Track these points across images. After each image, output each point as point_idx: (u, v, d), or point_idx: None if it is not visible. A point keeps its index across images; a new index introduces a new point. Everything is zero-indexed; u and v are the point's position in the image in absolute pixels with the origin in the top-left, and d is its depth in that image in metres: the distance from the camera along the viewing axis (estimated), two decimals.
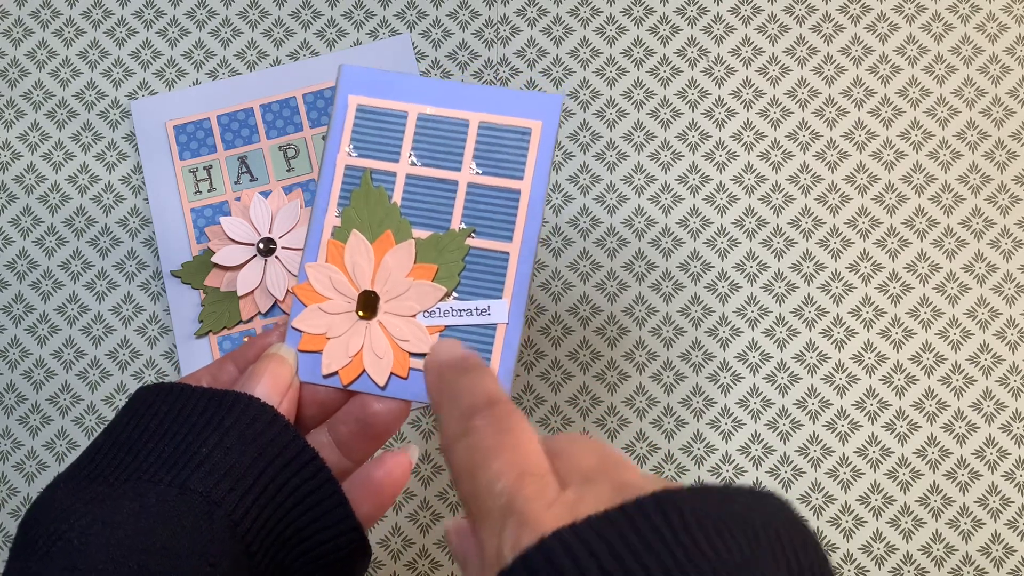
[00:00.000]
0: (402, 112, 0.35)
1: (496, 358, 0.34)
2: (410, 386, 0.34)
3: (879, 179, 0.53)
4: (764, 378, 0.51)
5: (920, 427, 0.51)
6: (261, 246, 0.52)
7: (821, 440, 0.51)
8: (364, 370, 0.34)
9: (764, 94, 0.54)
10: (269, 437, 0.30)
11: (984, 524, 0.50)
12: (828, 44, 0.54)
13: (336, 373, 0.34)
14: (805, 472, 0.51)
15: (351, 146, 0.35)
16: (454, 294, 0.34)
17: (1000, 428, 0.51)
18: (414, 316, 0.34)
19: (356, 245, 0.35)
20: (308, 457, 0.31)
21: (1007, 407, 0.51)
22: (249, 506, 0.29)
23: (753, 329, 0.52)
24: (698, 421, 0.51)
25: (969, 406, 0.51)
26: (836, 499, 0.50)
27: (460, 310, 0.34)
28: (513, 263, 0.34)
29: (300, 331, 0.34)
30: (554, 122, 0.35)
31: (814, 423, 0.51)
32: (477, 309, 0.34)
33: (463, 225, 0.35)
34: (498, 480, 0.22)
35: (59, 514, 0.28)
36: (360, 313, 0.34)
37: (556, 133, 0.35)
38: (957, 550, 0.50)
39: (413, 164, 0.35)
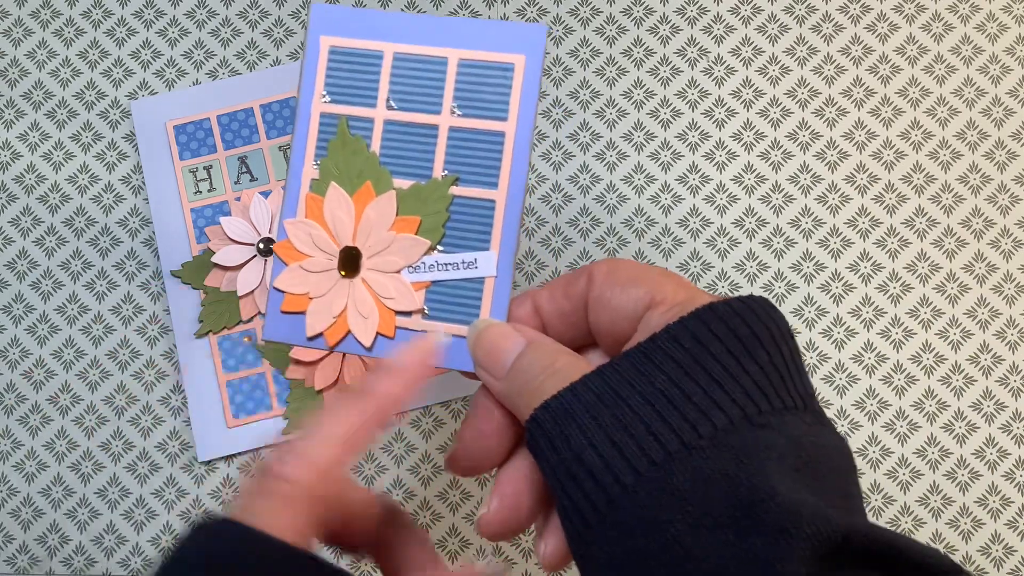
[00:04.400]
0: (377, 52, 0.33)
1: (485, 313, 0.32)
2: (397, 346, 0.32)
3: (879, 179, 0.53)
4: None
5: (920, 427, 0.51)
6: (261, 246, 0.52)
7: None
8: (349, 331, 0.32)
9: (764, 94, 0.54)
10: None
11: (984, 524, 0.50)
12: (828, 44, 0.54)
13: (321, 334, 0.32)
14: None
15: (325, 92, 0.33)
16: (439, 247, 0.32)
17: (1000, 428, 0.51)
18: (398, 272, 0.32)
19: (335, 198, 0.33)
20: None
21: (1007, 407, 0.51)
22: None
23: None
24: None
25: (969, 406, 0.51)
26: None
27: (446, 264, 0.32)
28: (500, 212, 0.32)
29: (282, 291, 0.33)
30: (539, 55, 0.32)
31: None
32: (464, 262, 0.32)
33: (446, 173, 0.32)
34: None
35: None
36: (342, 272, 0.32)
37: (541, 68, 0.32)
38: (957, 550, 0.50)
39: (391, 108, 0.33)
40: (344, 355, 0.50)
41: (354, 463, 0.31)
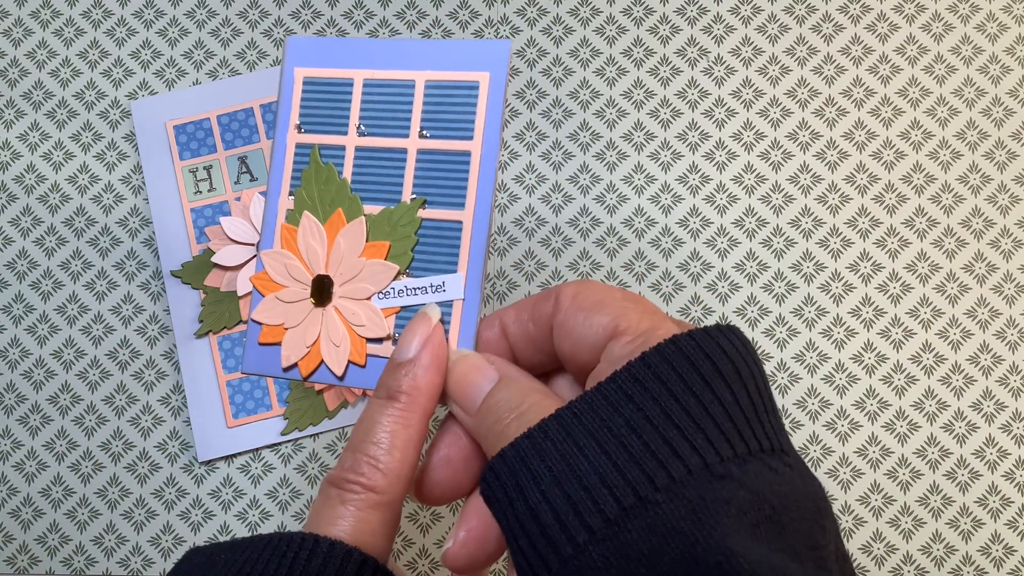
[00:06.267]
0: (348, 80, 0.33)
1: (454, 336, 0.32)
2: (368, 375, 0.32)
3: (879, 179, 0.53)
4: None
5: (920, 427, 0.51)
6: None
7: (821, 440, 0.51)
8: (323, 360, 0.32)
9: (764, 94, 0.54)
10: None
11: (984, 524, 0.50)
12: (828, 44, 0.54)
13: (296, 365, 0.33)
14: None
15: (300, 122, 0.34)
16: (408, 272, 0.32)
17: (1000, 428, 0.51)
18: (369, 299, 0.32)
19: (308, 227, 0.33)
20: None
21: (1007, 407, 0.51)
22: None
23: (753, 329, 0.52)
24: None
25: (969, 406, 0.51)
26: (836, 499, 0.51)
27: (415, 289, 0.32)
28: (467, 232, 0.32)
29: (260, 323, 0.33)
30: (502, 72, 0.32)
31: (814, 423, 0.51)
32: (432, 286, 0.32)
33: (414, 196, 0.33)
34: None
35: None
36: (313, 300, 0.33)
37: (505, 84, 0.32)
38: (957, 550, 0.50)
39: (362, 135, 0.33)
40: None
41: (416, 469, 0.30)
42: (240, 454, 0.51)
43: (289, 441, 0.52)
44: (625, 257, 0.53)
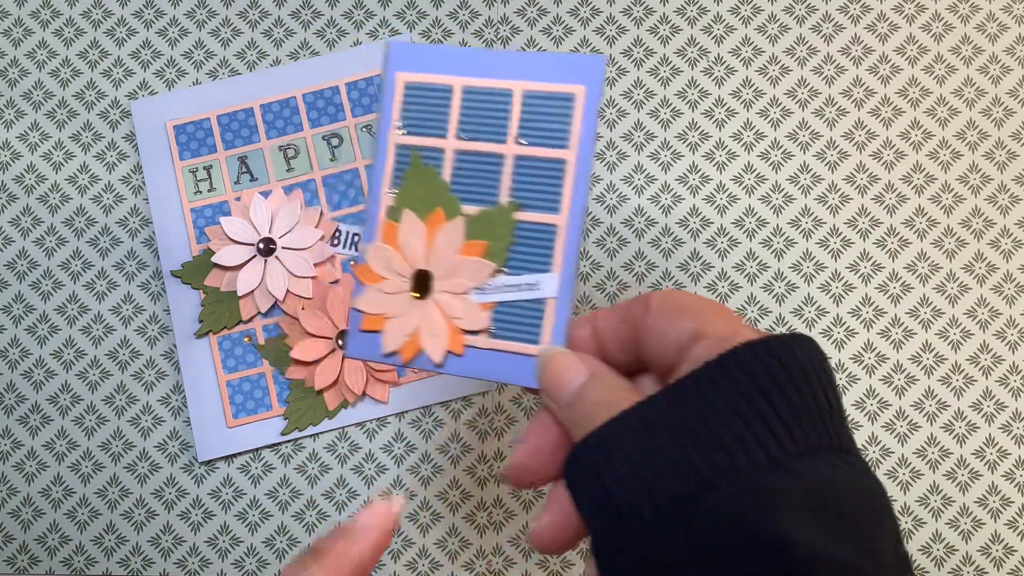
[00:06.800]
0: (447, 86, 0.36)
1: (547, 332, 0.34)
2: (465, 363, 0.35)
3: (879, 179, 0.53)
4: None
5: (920, 427, 0.51)
6: (261, 246, 0.52)
7: None
8: (422, 349, 0.35)
9: (764, 94, 0.54)
10: None
11: (984, 524, 0.50)
12: (828, 44, 0.54)
13: (397, 352, 0.35)
14: None
15: (400, 125, 0.36)
16: (504, 270, 0.34)
17: (1000, 428, 0.51)
18: (466, 293, 0.35)
19: (409, 225, 0.35)
20: None
21: (1007, 407, 0.51)
22: None
23: None
24: None
25: (969, 406, 0.51)
26: None
27: (510, 286, 0.34)
28: (561, 235, 0.34)
29: (362, 312, 0.35)
30: (598, 85, 0.34)
31: None
32: (527, 284, 0.34)
33: (510, 199, 0.35)
34: None
35: None
36: (414, 293, 0.35)
37: (600, 97, 0.34)
38: (957, 550, 0.50)
39: (460, 139, 0.35)
40: (344, 357, 0.50)
41: None
42: (240, 454, 0.52)
43: (289, 441, 0.52)
44: (625, 257, 0.53)
